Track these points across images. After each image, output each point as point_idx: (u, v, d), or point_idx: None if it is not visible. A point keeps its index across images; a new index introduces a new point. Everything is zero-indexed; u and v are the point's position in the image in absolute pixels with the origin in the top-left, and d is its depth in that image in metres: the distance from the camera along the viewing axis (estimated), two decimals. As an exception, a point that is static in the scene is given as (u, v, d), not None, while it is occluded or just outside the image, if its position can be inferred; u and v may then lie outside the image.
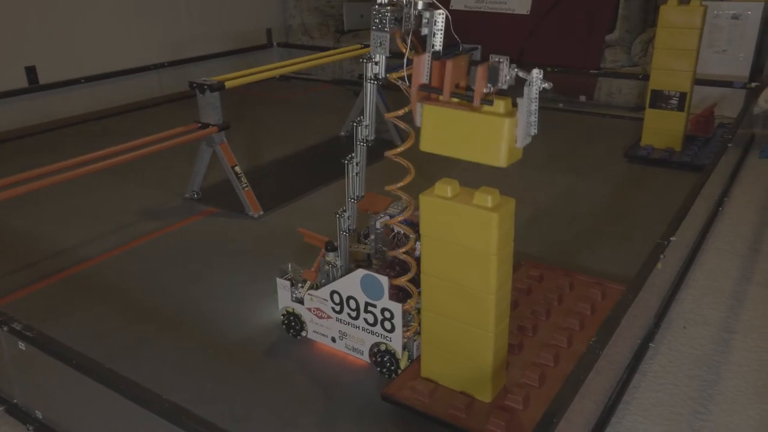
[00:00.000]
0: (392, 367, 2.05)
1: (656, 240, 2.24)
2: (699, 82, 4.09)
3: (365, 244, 2.22)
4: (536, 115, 1.49)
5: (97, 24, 5.27)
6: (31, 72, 4.90)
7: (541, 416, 1.49)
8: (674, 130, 3.93)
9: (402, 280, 2.00)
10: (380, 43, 1.79)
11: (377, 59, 1.85)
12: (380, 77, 1.87)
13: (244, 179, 3.32)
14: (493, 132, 1.50)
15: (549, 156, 4.11)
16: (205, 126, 3.26)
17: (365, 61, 1.87)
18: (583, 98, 5.42)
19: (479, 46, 5.79)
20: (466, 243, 1.64)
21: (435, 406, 1.83)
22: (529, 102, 1.48)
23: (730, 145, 3.29)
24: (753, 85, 4.46)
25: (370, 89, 1.94)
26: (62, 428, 1.90)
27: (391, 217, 2.11)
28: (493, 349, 1.75)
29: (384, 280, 1.96)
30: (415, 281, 1.99)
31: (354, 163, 2.03)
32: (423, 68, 1.60)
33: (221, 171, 3.41)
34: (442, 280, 1.75)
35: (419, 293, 1.89)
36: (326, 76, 6.59)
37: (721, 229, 3.11)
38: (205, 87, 3.19)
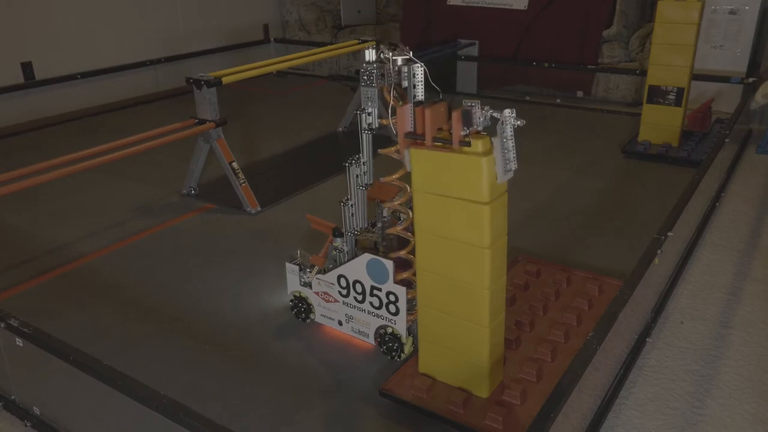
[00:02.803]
0: (396, 350, 2.09)
1: (653, 235, 2.24)
2: (696, 77, 4.10)
3: (372, 232, 2.28)
4: (514, 152, 1.58)
5: (94, 20, 5.25)
6: (27, 68, 4.89)
7: (538, 411, 1.50)
8: (671, 126, 3.93)
9: (402, 252, 2.08)
10: (369, 97, 2.00)
11: (369, 110, 2.03)
12: (374, 127, 2.05)
13: (241, 175, 3.31)
14: (473, 170, 1.58)
15: (546, 151, 4.11)
16: (202, 122, 3.26)
17: (359, 112, 2.04)
18: (580, 94, 5.42)
19: (476, 42, 5.86)
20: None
21: (433, 402, 1.84)
22: (503, 141, 1.56)
23: (727, 140, 3.29)
24: (750, 80, 4.46)
25: (366, 139, 2.09)
26: (60, 424, 1.90)
27: (401, 205, 2.18)
28: (489, 344, 1.75)
29: (389, 264, 2.01)
30: (409, 262, 2.11)
31: (349, 205, 2.16)
32: (407, 117, 1.70)
33: (218, 167, 3.41)
34: (437, 261, 1.75)
35: None
36: (323, 72, 6.58)
37: (718, 225, 3.12)
38: (202, 83, 3.18)
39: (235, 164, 3.32)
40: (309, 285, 2.28)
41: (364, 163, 2.12)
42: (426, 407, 1.82)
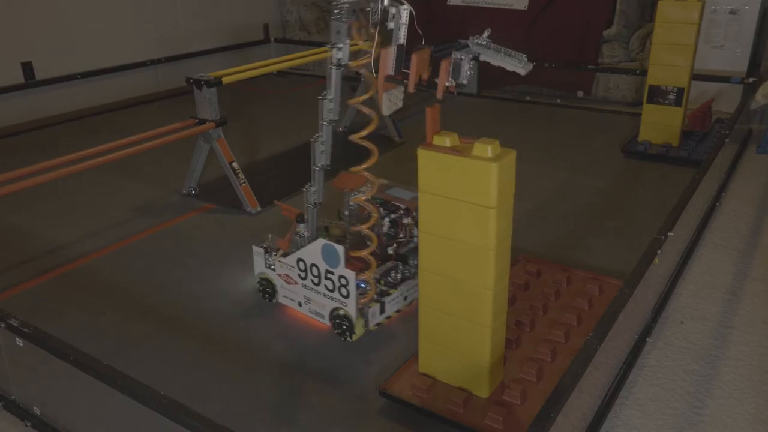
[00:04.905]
0: (347, 331, 2.21)
1: (653, 235, 2.24)
2: (696, 77, 4.10)
3: (344, 221, 2.36)
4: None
5: (94, 19, 5.25)
6: (27, 68, 4.89)
7: (538, 411, 1.50)
8: (671, 126, 3.93)
9: (361, 253, 2.17)
10: (338, 31, 2.00)
11: (340, 46, 2.03)
12: (342, 63, 2.06)
13: (241, 175, 3.31)
14: (483, 175, 1.57)
15: (546, 151, 4.11)
16: (203, 122, 3.26)
17: (330, 47, 2.05)
18: (580, 94, 5.42)
19: (476, 42, 5.58)
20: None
21: (433, 402, 1.84)
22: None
23: (727, 140, 3.29)
24: (750, 80, 4.46)
25: (335, 74, 2.11)
26: (60, 424, 1.90)
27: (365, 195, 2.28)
28: (491, 344, 1.75)
29: (340, 249, 2.11)
30: (376, 255, 2.28)
31: (320, 142, 2.24)
32: (389, 60, 1.71)
33: (218, 167, 3.41)
34: (440, 262, 1.75)
35: (378, 265, 2.26)
36: (323, 72, 6.57)
37: (718, 225, 3.12)
38: (202, 83, 3.18)
39: (235, 164, 3.32)
40: (273, 267, 2.37)
41: (330, 100, 2.15)
42: (426, 407, 1.82)
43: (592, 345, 1.71)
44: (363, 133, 2.07)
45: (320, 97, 2.15)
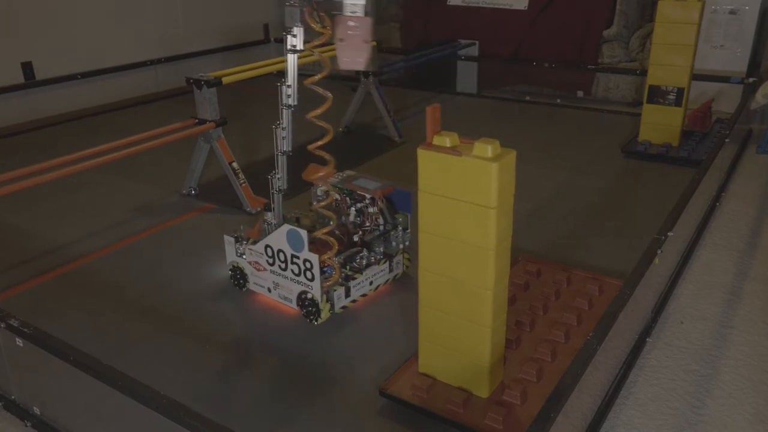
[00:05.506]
0: (314, 314, 2.28)
1: (653, 235, 2.24)
2: (696, 77, 4.10)
3: (312, 211, 2.46)
4: None
5: (94, 19, 5.25)
6: (27, 68, 4.88)
7: (538, 411, 1.50)
8: (671, 126, 3.93)
9: (321, 231, 2.25)
10: (291, 16, 2.11)
11: (294, 32, 2.15)
12: (297, 49, 2.19)
13: (241, 175, 3.31)
14: (483, 175, 1.57)
15: (546, 151, 4.11)
16: (202, 122, 3.26)
17: (285, 33, 2.16)
18: (580, 93, 5.42)
19: (476, 42, 5.88)
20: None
21: (433, 402, 1.84)
22: None
23: (727, 140, 3.29)
24: (750, 80, 4.46)
25: (291, 60, 2.24)
26: (60, 424, 1.90)
27: (333, 185, 2.41)
28: (491, 344, 1.75)
29: (304, 233, 2.18)
30: (343, 242, 2.41)
31: (281, 128, 2.37)
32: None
33: (218, 167, 3.41)
34: (440, 262, 1.75)
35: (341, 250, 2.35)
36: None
37: (718, 225, 3.12)
38: (202, 83, 3.18)
39: (235, 164, 3.32)
40: (244, 255, 2.45)
41: (289, 86, 2.26)
42: (426, 407, 1.82)
43: (592, 345, 1.71)
44: (318, 112, 2.24)
45: (279, 84, 2.25)
